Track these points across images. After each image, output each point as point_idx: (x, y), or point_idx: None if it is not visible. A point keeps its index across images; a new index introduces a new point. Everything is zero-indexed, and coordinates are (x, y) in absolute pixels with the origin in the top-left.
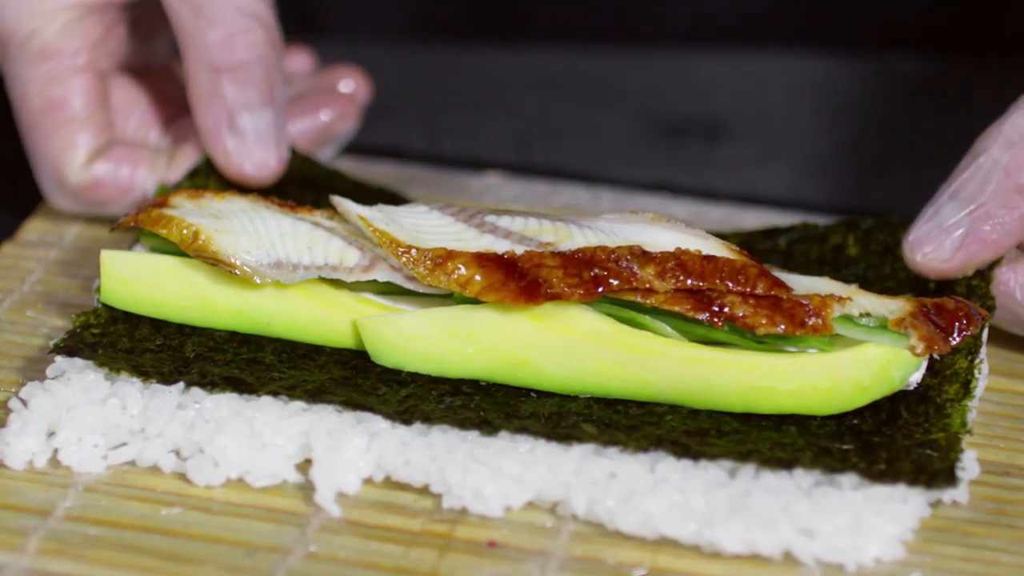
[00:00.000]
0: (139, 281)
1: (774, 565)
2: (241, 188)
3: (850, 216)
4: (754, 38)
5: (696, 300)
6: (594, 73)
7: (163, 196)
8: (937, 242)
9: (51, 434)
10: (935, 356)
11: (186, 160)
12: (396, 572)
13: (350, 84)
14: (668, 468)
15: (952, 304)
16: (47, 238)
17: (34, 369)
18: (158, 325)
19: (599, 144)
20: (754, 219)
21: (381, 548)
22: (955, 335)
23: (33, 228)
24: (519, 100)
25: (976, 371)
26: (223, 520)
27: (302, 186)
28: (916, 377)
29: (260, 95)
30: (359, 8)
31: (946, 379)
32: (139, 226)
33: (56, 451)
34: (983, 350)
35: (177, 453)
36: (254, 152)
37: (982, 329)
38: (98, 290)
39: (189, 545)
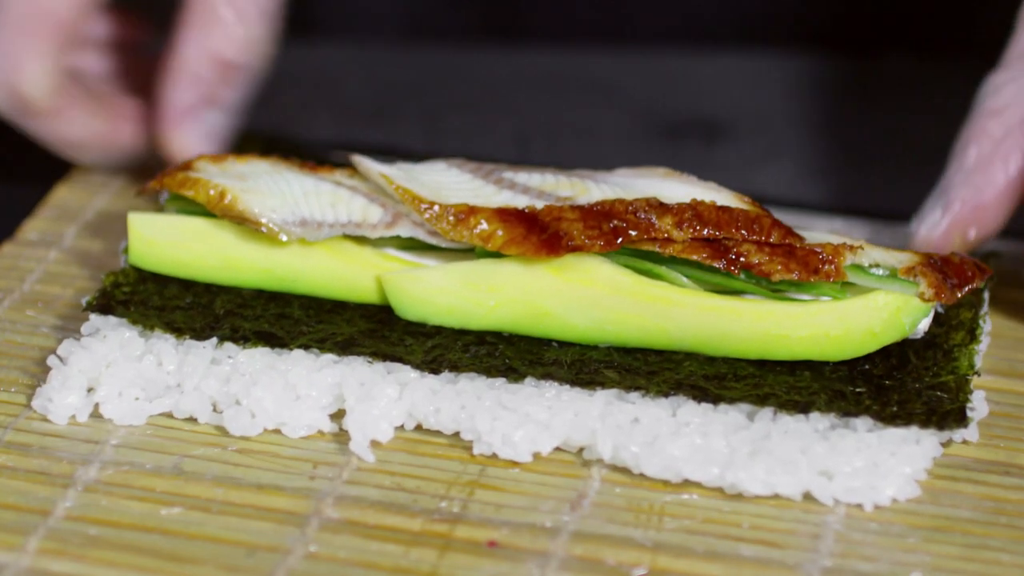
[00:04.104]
0: (166, 242)
1: (773, 565)
2: (262, 151)
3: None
4: (754, 38)
5: (713, 249)
6: (594, 73)
7: (186, 161)
8: (931, 212)
9: (90, 390)
10: (939, 309)
11: (121, 113)
12: (396, 572)
13: None
14: (689, 412)
15: (957, 259)
16: (47, 238)
17: (65, 331)
18: (186, 284)
19: (599, 144)
20: None
21: (381, 548)
22: (961, 286)
23: (33, 228)
24: (519, 100)
25: (981, 320)
26: (223, 520)
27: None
28: (924, 325)
29: (234, 100)
30: (359, 8)
31: (952, 328)
32: (164, 189)
33: (97, 406)
34: (986, 305)
35: (214, 407)
36: (200, 144)
37: (986, 284)
38: (125, 251)
39: (189, 545)
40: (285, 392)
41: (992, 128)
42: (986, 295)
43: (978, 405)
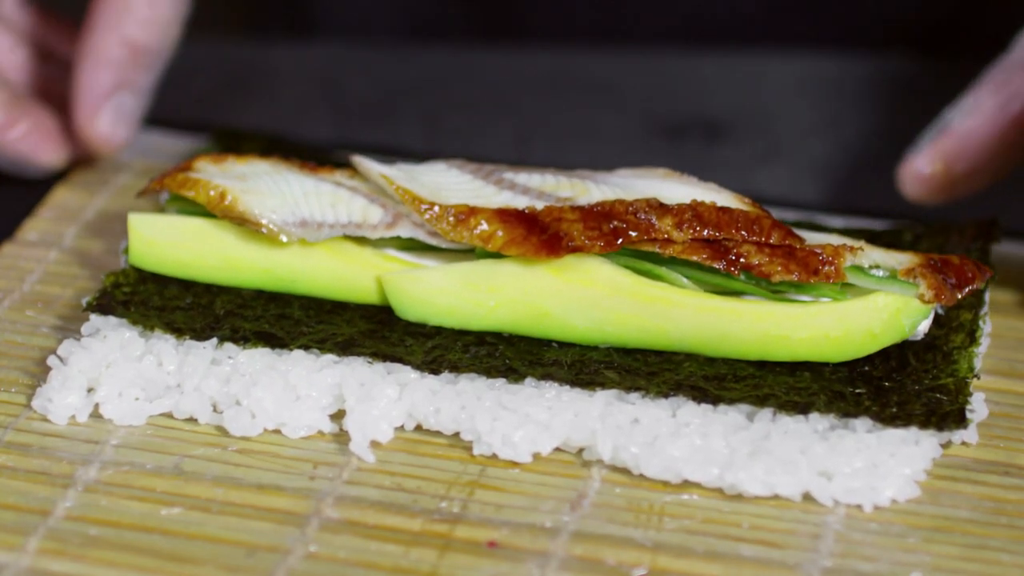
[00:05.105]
0: (166, 242)
1: (773, 565)
2: (262, 151)
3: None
4: (754, 38)
5: (713, 250)
6: (594, 73)
7: (186, 161)
8: (922, 141)
9: (90, 390)
10: (939, 311)
11: (37, 121)
12: (396, 572)
13: None
14: (689, 413)
15: (957, 260)
16: (47, 238)
17: (65, 331)
18: (186, 284)
19: (599, 144)
20: None
21: (381, 548)
22: (961, 288)
23: (33, 228)
24: (519, 100)
25: (981, 322)
26: (223, 520)
27: None
28: (923, 327)
29: (146, 82)
30: (359, 8)
31: (952, 330)
32: (165, 189)
33: (97, 406)
34: (986, 306)
35: (214, 407)
36: (117, 128)
37: (986, 286)
38: (125, 251)
39: (189, 545)
40: (285, 392)
41: (998, 75)
42: (986, 296)
43: (977, 407)
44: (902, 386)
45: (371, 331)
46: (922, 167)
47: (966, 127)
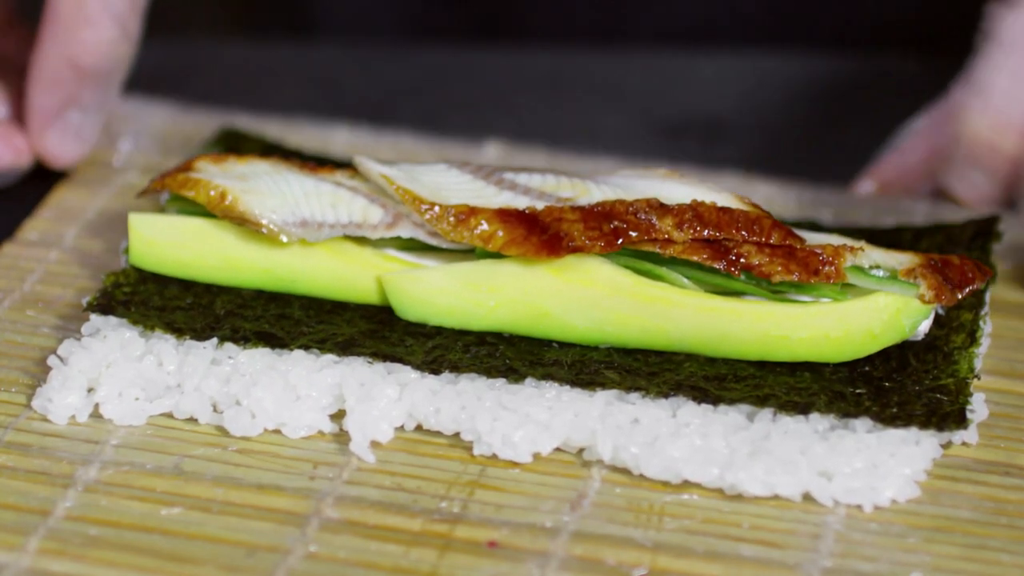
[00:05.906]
0: (167, 242)
1: (773, 565)
2: (262, 151)
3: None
4: (754, 38)
5: (713, 250)
6: (594, 73)
7: (186, 161)
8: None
9: (90, 390)
10: (940, 311)
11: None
12: (396, 572)
13: None
14: (689, 413)
15: (958, 260)
16: (47, 238)
17: (65, 331)
18: (187, 284)
19: (599, 144)
20: None
21: (381, 548)
22: (962, 288)
23: (33, 228)
24: (519, 100)
25: (981, 322)
26: (223, 520)
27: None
28: (924, 327)
29: (97, 100)
30: (358, 8)
31: (952, 330)
32: (165, 189)
33: (97, 406)
34: (987, 306)
35: (214, 407)
36: (65, 144)
37: (987, 286)
38: (126, 251)
39: (189, 545)
40: (285, 392)
41: (943, 104)
42: (987, 296)
43: (978, 407)
44: (902, 386)
45: (371, 331)
46: (862, 188)
47: (897, 153)
